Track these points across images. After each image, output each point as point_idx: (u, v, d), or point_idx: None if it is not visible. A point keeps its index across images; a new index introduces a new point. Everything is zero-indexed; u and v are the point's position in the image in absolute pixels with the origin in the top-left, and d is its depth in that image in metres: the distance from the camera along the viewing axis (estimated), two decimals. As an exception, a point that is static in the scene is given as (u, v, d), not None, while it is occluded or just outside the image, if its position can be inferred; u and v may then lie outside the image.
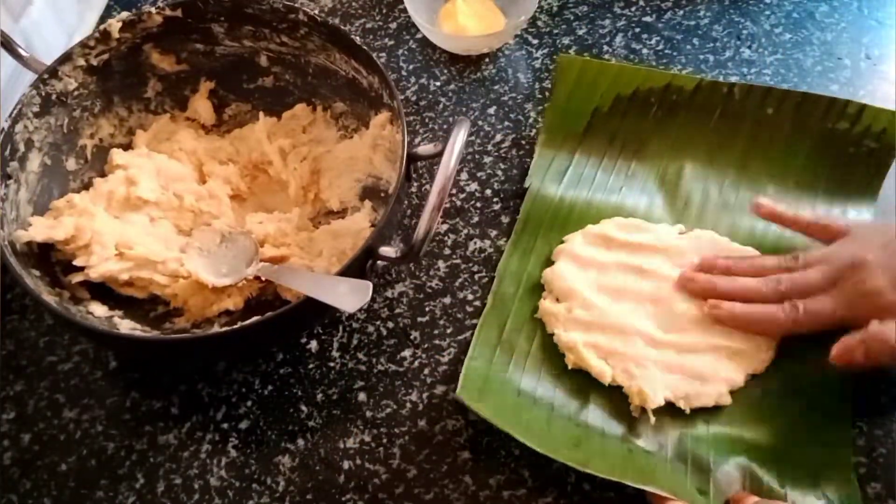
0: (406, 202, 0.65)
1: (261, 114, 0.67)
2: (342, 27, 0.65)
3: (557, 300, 0.58)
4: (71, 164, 0.63)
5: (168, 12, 0.63)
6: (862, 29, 0.73)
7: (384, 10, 0.78)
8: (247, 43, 0.66)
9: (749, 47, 0.73)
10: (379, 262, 0.53)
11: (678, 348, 0.55)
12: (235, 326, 0.52)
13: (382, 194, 0.63)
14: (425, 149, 0.57)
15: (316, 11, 0.64)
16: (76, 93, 0.63)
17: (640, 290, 0.58)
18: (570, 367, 0.56)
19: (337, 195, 0.64)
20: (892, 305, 0.51)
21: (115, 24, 0.62)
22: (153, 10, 0.63)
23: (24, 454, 0.56)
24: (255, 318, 0.52)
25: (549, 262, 0.61)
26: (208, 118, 0.69)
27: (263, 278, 0.58)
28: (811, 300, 0.54)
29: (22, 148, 0.59)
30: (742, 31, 0.74)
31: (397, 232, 0.63)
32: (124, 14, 0.63)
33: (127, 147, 0.66)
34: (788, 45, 0.73)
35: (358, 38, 0.74)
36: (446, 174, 0.50)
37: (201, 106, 0.68)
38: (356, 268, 0.52)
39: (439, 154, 0.52)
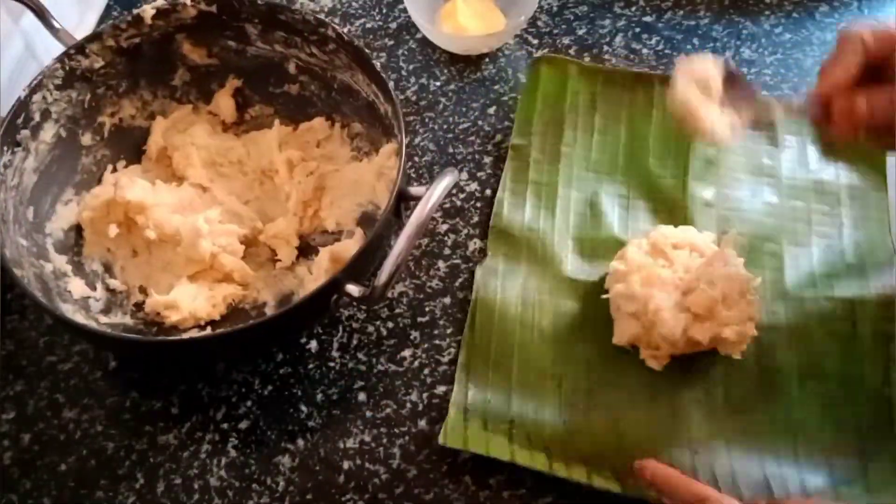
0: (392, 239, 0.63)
1: (276, 122, 0.67)
2: (366, 50, 0.63)
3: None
4: (87, 138, 0.64)
5: (203, 6, 0.63)
6: (862, 29, 0.73)
7: (384, 10, 0.78)
8: (278, 48, 0.66)
9: (749, 47, 0.73)
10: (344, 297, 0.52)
11: None
12: (235, 327, 0.52)
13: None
14: (417, 190, 0.55)
15: (333, 20, 0.63)
16: (102, 71, 0.63)
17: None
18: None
19: (336, 216, 0.64)
20: None
21: (148, 10, 0.62)
22: (188, 2, 0.63)
23: (24, 454, 0.56)
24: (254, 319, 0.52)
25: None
26: (230, 115, 0.69)
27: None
28: None
29: (37, 117, 0.59)
30: (742, 31, 0.74)
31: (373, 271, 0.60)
32: (159, 1, 0.62)
33: (144, 130, 0.66)
34: (788, 45, 0.73)
35: (358, 38, 0.75)
36: (419, 221, 0.49)
37: (224, 102, 0.68)
38: (320, 300, 0.51)
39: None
